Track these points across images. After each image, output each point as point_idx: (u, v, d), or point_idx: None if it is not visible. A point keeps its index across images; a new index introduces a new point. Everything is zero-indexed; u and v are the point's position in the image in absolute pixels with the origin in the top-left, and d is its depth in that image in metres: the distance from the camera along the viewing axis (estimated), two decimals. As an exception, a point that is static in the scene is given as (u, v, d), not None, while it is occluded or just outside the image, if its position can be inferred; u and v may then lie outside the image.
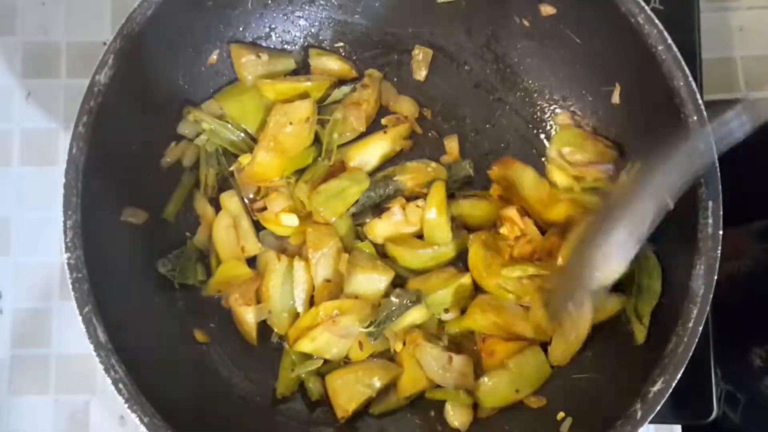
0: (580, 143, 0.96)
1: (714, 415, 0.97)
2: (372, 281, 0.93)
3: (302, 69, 1.03)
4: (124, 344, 0.80)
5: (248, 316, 0.94)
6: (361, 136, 1.00)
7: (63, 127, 1.08)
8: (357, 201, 0.96)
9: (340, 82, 1.02)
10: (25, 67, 1.10)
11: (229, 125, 0.98)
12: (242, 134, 0.99)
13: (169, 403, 0.81)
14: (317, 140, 0.98)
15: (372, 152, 0.99)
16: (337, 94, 1.01)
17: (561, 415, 0.87)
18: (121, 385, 0.78)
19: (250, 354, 0.97)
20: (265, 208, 0.97)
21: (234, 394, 0.94)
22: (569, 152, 0.96)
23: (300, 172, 0.98)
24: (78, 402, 1.04)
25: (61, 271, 1.05)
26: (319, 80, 1.00)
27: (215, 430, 0.89)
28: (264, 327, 0.97)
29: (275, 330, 0.96)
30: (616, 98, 0.93)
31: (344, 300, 0.93)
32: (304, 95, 0.97)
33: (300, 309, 0.95)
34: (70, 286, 0.79)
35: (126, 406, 0.78)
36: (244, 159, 0.97)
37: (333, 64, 1.02)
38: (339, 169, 0.98)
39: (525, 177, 0.95)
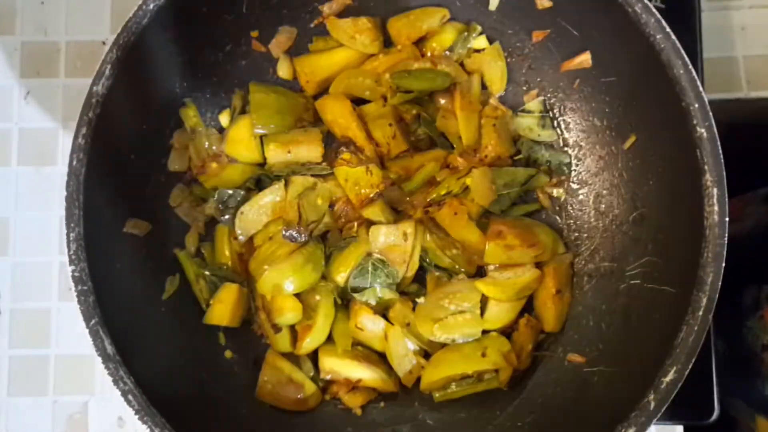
0: None
1: (715, 415, 0.96)
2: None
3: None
4: (131, 355, 0.80)
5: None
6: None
7: (62, 127, 1.08)
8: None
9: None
10: (24, 66, 1.10)
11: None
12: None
13: (179, 413, 0.80)
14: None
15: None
16: None
17: None
18: (130, 397, 0.78)
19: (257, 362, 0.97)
20: None
21: (244, 401, 0.94)
22: None
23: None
24: (76, 403, 1.03)
25: (60, 271, 1.05)
26: None
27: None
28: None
29: None
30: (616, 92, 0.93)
31: None
32: None
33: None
34: (76, 299, 0.79)
35: (137, 417, 0.78)
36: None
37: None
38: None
39: None
